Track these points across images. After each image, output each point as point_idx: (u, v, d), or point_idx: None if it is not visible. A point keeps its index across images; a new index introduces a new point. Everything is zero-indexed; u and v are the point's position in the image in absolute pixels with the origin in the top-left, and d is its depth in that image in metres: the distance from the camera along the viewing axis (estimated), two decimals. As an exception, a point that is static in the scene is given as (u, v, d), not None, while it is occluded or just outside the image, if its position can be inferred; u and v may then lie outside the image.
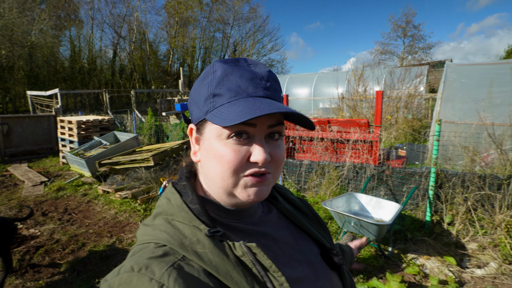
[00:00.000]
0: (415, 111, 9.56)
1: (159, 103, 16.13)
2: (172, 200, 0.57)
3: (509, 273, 3.08)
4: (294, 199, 0.76)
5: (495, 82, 5.41)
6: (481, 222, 3.69)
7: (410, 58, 25.42)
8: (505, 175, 3.67)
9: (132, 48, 26.14)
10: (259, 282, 0.51)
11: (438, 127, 3.73)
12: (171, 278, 0.44)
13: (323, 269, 0.65)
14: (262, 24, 32.36)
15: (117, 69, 26.12)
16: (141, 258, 0.48)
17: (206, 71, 0.57)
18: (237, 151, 0.53)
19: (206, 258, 0.49)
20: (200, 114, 0.56)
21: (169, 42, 28.33)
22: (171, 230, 0.53)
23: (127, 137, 7.02)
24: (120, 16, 25.45)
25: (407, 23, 25.46)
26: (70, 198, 5.41)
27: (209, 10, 29.00)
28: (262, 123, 0.54)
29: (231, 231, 0.58)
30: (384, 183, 4.30)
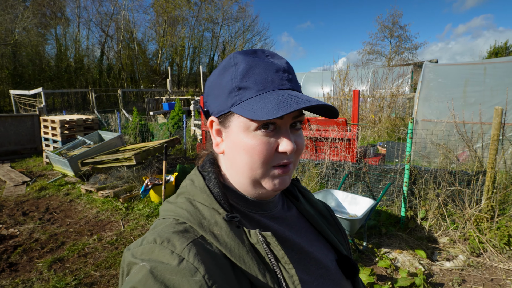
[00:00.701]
0: (398, 110, 9.75)
1: (147, 103, 16.05)
2: (196, 182, 0.60)
3: (476, 265, 3.22)
4: (316, 201, 0.77)
5: (470, 82, 5.59)
6: (453, 217, 3.84)
7: (397, 59, 25.81)
8: (474, 171, 3.82)
9: (120, 47, 25.85)
10: (270, 271, 0.52)
11: (411, 125, 3.85)
12: (191, 253, 0.47)
13: (336, 275, 0.65)
14: (251, 23, 32.49)
15: (105, 68, 25.81)
16: (163, 232, 0.50)
17: (225, 63, 0.58)
18: (266, 142, 0.54)
19: (222, 240, 0.51)
20: (224, 107, 0.56)
21: (157, 41, 28.13)
22: (191, 209, 0.55)
23: (111, 136, 6.99)
24: (107, 14, 25.16)
25: (394, 23, 25.84)
26: (52, 197, 5.38)
27: (197, 9, 28.89)
28: (289, 115, 0.55)
29: (248, 220, 0.60)
30: (361, 180, 4.42)
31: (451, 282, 2.97)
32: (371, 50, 27.19)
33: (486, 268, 3.18)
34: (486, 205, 3.63)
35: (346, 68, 9.82)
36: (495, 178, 3.63)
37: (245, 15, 32.25)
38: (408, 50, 26.25)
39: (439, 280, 3.02)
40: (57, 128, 7.35)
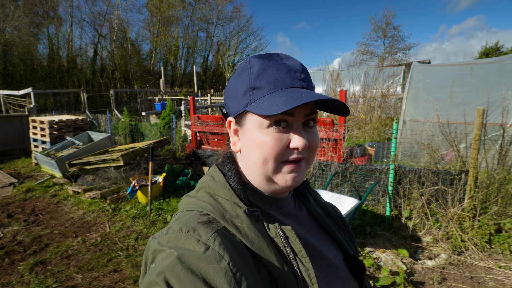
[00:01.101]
0: (389, 110, 9.82)
1: (140, 103, 15.97)
2: (216, 178, 0.63)
3: (457, 264, 3.26)
4: (325, 203, 0.79)
5: (457, 83, 5.65)
6: (436, 216, 3.88)
7: (390, 59, 25.97)
8: (457, 171, 3.87)
9: (113, 47, 25.69)
10: (288, 263, 0.54)
11: (396, 126, 3.88)
12: (216, 242, 0.49)
13: (345, 273, 0.67)
14: (245, 23, 32.40)
15: (98, 68, 25.63)
16: (188, 222, 0.53)
17: (242, 67, 0.62)
18: (278, 138, 0.57)
19: (243, 231, 0.54)
20: (239, 107, 0.60)
21: (151, 41, 28.00)
22: (213, 202, 0.58)
23: (100, 137, 6.95)
24: (100, 14, 24.99)
25: (387, 24, 26.01)
26: (39, 199, 5.33)
27: (192, 9, 28.82)
28: (300, 112, 0.58)
29: (265, 216, 0.62)
30: (348, 180, 4.45)
31: (431, 280, 3.00)
32: (364, 51, 27.35)
33: (466, 266, 3.22)
34: (469, 204, 3.67)
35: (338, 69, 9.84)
36: (477, 178, 3.68)
37: (239, 15, 32.25)
38: (401, 50, 26.45)
39: (420, 279, 3.05)
40: (45, 129, 7.28)
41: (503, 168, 3.61)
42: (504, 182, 3.67)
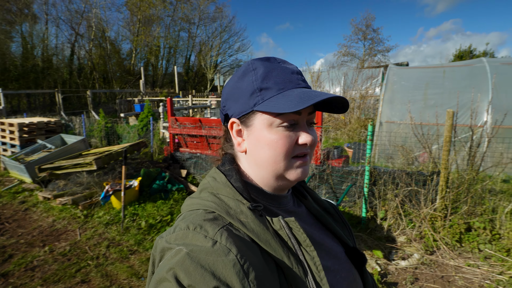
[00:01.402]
0: (368, 111, 9.99)
1: (118, 104, 15.59)
2: (218, 178, 0.65)
3: (429, 263, 3.32)
4: (322, 200, 0.82)
5: (430, 85, 5.80)
6: (410, 216, 3.95)
7: (370, 60, 26.52)
8: (429, 171, 3.95)
9: (91, 46, 24.96)
10: (293, 254, 0.56)
11: (371, 127, 3.93)
12: (223, 236, 0.51)
13: (347, 264, 0.69)
14: (228, 24, 32.23)
15: (75, 68, 24.83)
16: (195, 219, 0.54)
17: (244, 69, 0.64)
18: (288, 136, 0.60)
19: (248, 226, 0.55)
20: (245, 108, 0.62)
21: (131, 40, 27.39)
22: (217, 201, 0.59)
23: (74, 140, 6.70)
24: (78, 12, 24.20)
25: (367, 26, 26.57)
26: (6, 206, 5.07)
27: (173, 8, 28.40)
28: (305, 111, 0.61)
29: (267, 212, 0.64)
30: (325, 182, 4.46)
31: (404, 281, 3.04)
32: (345, 52, 27.81)
33: (438, 265, 3.29)
34: (440, 204, 3.76)
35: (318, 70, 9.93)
36: (448, 178, 3.77)
37: (222, 15, 32.05)
38: (380, 52, 27.07)
39: (393, 279, 3.09)
40: (15, 132, 6.96)
41: (472, 168, 3.71)
42: (473, 182, 3.78)
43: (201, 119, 5.49)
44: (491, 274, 3.04)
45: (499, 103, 5.00)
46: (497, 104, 4.99)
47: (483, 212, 3.70)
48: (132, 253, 3.52)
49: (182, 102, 16.94)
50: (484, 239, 3.51)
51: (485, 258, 3.31)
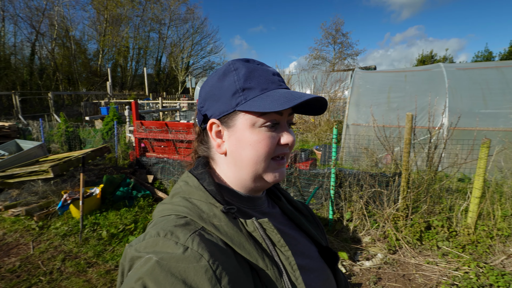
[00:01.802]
0: (338, 113, 10.22)
1: (84, 107, 14.89)
2: (190, 182, 0.63)
3: (392, 262, 3.41)
4: (295, 200, 0.82)
5: (393, 88, 6.01)
6: (375, 217, 4.04)
7: (340, 64, 27.28)
8: (391, 172, 4.08)
9: (54, 45, 23.69)
10: (268, 255, 0.56)
11: (335, 130, 3.99)
12: (194, 242, 0.49)
13: (321, 263, 0.70)
14: (200, 26, 31.88)
15: (37, 69, 23.45)
16: (165, 225, 0.52)
17: (225, 69, 0.63)
18: (271, 137, 0.60)
19: (222, 229, 0.54)
20: (228, 107, 0.60)
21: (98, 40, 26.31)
22: (189, 205, 0.58)
23: (31, 145, 6.28)
24: (38, 9, 22.88)
25: (337, 31, 27.32)
26: (-50, 219, 4.63)
27: (142, 8, 27.65)
28: (286, 112, 0.62)
29: (242, 214, 0.63)
30: (293, 185, 4.48)
31: (368, 281, 3.09)
32: (316, 56, 28.40)
33: (400, 264, 3.38)
34: (402, 204, 3.88)
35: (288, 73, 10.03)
36: (409, 179, 3.91)
37: (193, 16, 31.67)
38: (350, 56, 27.91)
39: (358, 280, 3.13)
40: (-37, 138, 6.41)
41: (430, 169, 3.87)
42: (432, 182, 3.94)
43: (168, 122, 5.34)
44: (448, 270, 3.17)
45: (454, 106, 5.28)
46: (453, 107, 5.27)
47: (441, 210, 3.87)
48: (90, 266, 3.32)
49: (152, 105, 16.49)
50: (442, 236, 3.66)
51: (443, 255, 3.45)
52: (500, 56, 22.34)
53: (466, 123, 5.15)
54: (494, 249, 3.46)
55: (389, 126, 4.77)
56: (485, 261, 3.27)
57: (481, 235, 3.59)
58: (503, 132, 4.94)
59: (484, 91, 5.31)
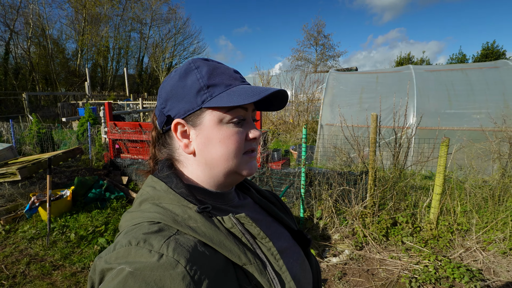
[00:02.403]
0: (316, 114, 10.39)
1: (61, 108, 14.51)
2: (157, 186, 0.60)
3: (357, 258, 3.52)
4: (263, 190, 0.83)
5: (365, 89, 6.18)
6: (344, 214, 4.16)
7: (322, 65, 27.67)
8: (359, 171, 4.20)
9: (29, 44, 22.95)
10: (250, 249, 0.55)
11: (305, 130, 4.07)
12: (169, 248, 0.47)
13: (296, 247, 0.72)
14: (182, 26, 31.63)
15: (11, 68, 22.65)
16: (137, 233, 0.49)
17: (186, 68, 0.62)
18: (239, 132, 0.60)
19: (199, 230, 0.52)
20: (193, 106, 0.60)
21: (76, 40, 25.67)
22: (161, 210, 0.55)
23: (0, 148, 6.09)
24: (12, 7, 22.11)
25: (318, 33, 27.70)
26: None
27: (122, 7, 27.18)
28: (250, 107, 0.63)
29: (217, 211, 0.62)
30: (265, 184, 4.54)
31: (333, 277, 3.18)
32: (299, 57, 28.69)
33: (365, 259, 3.49)
34: (370, 202, 4.01)
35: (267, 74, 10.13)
36: (375, 177, 4.04)
37: (175, 17, 31.40)
38: (331, 57, 28.35)
39: (324, 276, 3.22)
40: None
41: (395, 167, 4.01)
42: (398, 180, 4.09)
43: (141, 123, 5.31)
44: (409, 264, 3.31)
45: (422, 106, 5.49)
46: (421, 108, 5.48)
47: (406, 207, 4.02)
48: (56, 268, 3.27)
49: (132, 106, 16.24)
50: (407, 232, 3.81)
51: (406, 250, 3.59)
52: (474, 59, 23.30)
53: (433, 123, 5.36)
54: (454, 243, 3.63)
55: (360, 126, 4.91)
56: (445, 255, 3.42)
57: (442, 230, 3.75)
58: (467, 131, 5.17)
59: (450, 92, 5.54)
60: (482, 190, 3.94)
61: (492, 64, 5.92)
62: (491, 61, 6.21)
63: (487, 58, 22.07)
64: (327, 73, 13.73)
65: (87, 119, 7.56)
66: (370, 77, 6.39)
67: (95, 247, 3.66)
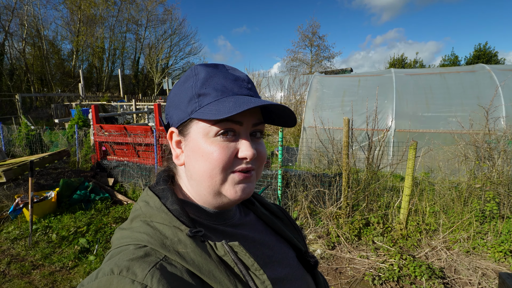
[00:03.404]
0: (305, 116, 10.51)
1: (54, 109, 14.58)
2: (151, 202, 0.57)
3: (328, 257, 3.65)
4: (270, 204, 0.77)
5: (347, 93, 6.33)
6: (319, 215, 4.29)
7: (317, 66, 27.84)
8: (333, 173, 4.34)
9: (24, 45, 22.99)
10: (241, 281, 0.51)
11: (281, 134, 4.20)
12: (154, 279, 0.43)
13: (299, 271, 0.67)
14: (178, 27, 31.73)
15: (6, 69, 22.68)
16: (121, 260, 0.46)
17: (186, 75, 0.59)
18: (225, 147, 0.54)
19: (188, 257, 0.49)
20: (183, 115, 0.56)
21: (71, 41, 25.72)
22: (150, 231, 0.51)
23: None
24: (7, 8, 22.15)
25: (313, 34, 27.88)
26: None
27: (118, 8, 27.25)
28: (248, 121, 0.56)
29: (212, 232, 0.58)
30: (245, 186, 4.67)
31: (302, 275, 3.31)
32: (294, 58, 28.85)
33: (336, 259, 3.63)
34: (344, 203, 4.15)
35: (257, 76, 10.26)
36: (349, 179, 4.17)
37: (171, 17, 31.49)
38: (326, 58, 28.52)
39: (294, 275, 3.35)
40: None
41: (368, 170, 4.15)
42: (371, 181, 4.23)
43: (126, 126, 5.42)
44: (376, 263, 3.44)
45: (400, 109, 5.64)
46: (399, 111, 5.62)
47: (378, 208, 4.16)
48: (36, 267, 3.39)
49: (126, 107, 16.33)
50: (378, 232, 3.94)
51: (375, 249, 3.72)
52: (466, 60, 23.54)
53: (411, 126, 5.50)
54: (422, 242, 3.78)
55: (340, 128, 5.05)
56: (411, 254, 3.56)
57: (411, 230, 3.89)
58: (443, 134, 5.32)
59: (428, 95, 5.69)
60: (451, 191, 4.08)
61: (470, 68, 6.07)
62: (469, 65, 6.37)
63: (479, 60, 22.31)
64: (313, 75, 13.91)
65: (76, 121, 7.66)
66: (352, 81, 6.53)
67: (76, 247, 3.78)
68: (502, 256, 3.34)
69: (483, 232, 3.70)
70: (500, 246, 3.40)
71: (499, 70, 5.78)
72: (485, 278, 3.12)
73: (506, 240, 3.45)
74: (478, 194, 3.93)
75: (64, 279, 3.19)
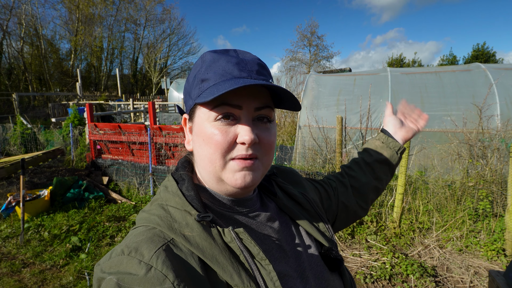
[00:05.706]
0: (303, 115, 10.50)
1: (51, 108, 14.56)
2: (169, 187, 0.59)
3: (321, 255, 3.64)
4: (296, 194, 0.73)
5: (343, 91, 6.31)
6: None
7: (316, 66, 27.83)
8: (327, 172, 4.32)
9: (22, 45, 22.95)
10: (246, 269, 0.51)
11: (275, 132, 4.19)
12: (159, 260, 0.45)
13: (318, 268, 0.63)
14: (177, 26, 31.71)
15: (4, 69, 22.64)
16: (131, 241, 0.49)
17: (196, 62, 0.60)
18: (224, 131, 0.53)
19: (193, 241, 0.50)
20: (191, 101, 0.58)
21: (70, 40, 25.69)
22: (162, 213, 0.54)
23: (-17, 148, 6.18)
24: (5, 7, 22.11)
25: (312, 33, 27.86)
26: None
27: (116, 8, 27.22)
28: (249, 105, 0.54)
29: (225, 220, 0.58)
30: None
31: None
32: (292, 57, 28.83)
33: (328, 257, 3.62)
34: (337, 201, 4.13)
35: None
36: (342, 177, 4.16)
37: (170, 17, 31.47)
38: (325, 58, 28.51)
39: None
40: None
41: (361, 168, 4.14)
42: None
43: (121, 125, 5.40)
44: (368, 261, 3.43)
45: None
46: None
47: (372, 206, 4.14)
48: (26, 266, 3.37)
49: (123, 106, 16.31)
50: (371, 230, 3.93)
51: (368, 247, 3.71)
52: (464, 60, 23.59)
53: (407, 125, 5.48)
54: (415, 241, 3.76)
55: (335, 127, 5.03)
56: (404, 252, 3.55)
57: (404, 228, 3.88)
58: (438, 132, 5.31)
59: (423, 94, 5.68)
60: (444, 190, 4.07)
61: (465, 67, 6.06)
62: (465, 64, 6.36)
63: (477, 60, 22.35)
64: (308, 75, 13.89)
65: (72, 120, 7.64)
66: (348, 79, 6.52)
67: (67, 246, 3.76)
68: (495, 254, 3.33)
69: (476, 231, 3.69)
70: (493, 244, 3.39)
71: (494, 69, 5.77)
72: (477, 276, 3.11)
73: (498, 238, 3.44)
74: (471, 193, 3.93)
75: (54, 277, 3.17)
